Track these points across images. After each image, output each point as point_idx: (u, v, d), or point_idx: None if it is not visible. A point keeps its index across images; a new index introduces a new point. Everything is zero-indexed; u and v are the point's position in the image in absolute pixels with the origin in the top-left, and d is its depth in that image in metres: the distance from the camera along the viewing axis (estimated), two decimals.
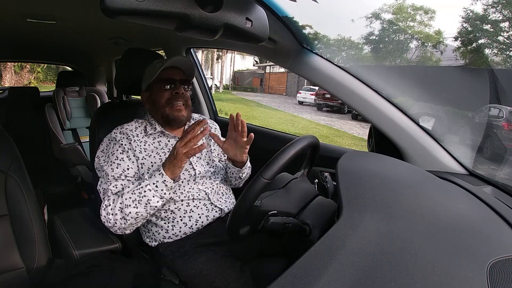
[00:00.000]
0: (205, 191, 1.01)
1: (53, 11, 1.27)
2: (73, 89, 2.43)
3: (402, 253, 0.46)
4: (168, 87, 1.00)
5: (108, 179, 0.93)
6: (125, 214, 0.87)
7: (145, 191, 0.86)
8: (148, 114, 1.06)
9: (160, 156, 0.99)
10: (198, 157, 1.06)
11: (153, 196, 0.86)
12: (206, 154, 1.10)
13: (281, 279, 0.41)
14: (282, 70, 19.69)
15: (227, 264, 0.89)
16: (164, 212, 0.97)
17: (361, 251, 0.46)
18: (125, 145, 0.96)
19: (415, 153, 0.97)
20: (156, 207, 0.88)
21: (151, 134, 1.02)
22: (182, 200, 0.98)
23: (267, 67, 22.18)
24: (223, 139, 1.03)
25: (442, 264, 0.45)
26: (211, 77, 19.72)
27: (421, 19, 12.54)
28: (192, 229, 0.98)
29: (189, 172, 1.01)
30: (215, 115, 1.85)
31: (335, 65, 1.04)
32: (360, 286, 0.41)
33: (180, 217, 0.97)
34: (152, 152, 0.99)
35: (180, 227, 0.97)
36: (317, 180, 0.99)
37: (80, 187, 1.94)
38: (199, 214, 0.99)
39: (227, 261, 0.90)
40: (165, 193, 0.87)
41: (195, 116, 1.18)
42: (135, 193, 0.87)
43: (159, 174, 0.86)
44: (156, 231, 0.99)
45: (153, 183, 0.86)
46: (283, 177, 0.85)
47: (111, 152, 0.96)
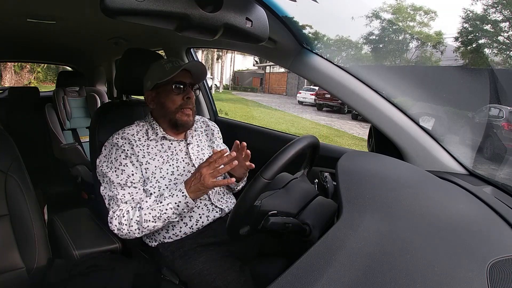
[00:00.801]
0: None
1: (53, 11, 1.28)
2: (73, 89, 2.43)
3: (402, 253, 0.46)
4: (179, 91, 0.98)
5: (114, 186, 0.93)
6: (143, 227, 0.89)
7: (166, 209, 0.88)
8: (150, 116, 1.04)
9: (163, 158, 0.99)
10: (200, 159, 1.06)
11: (173, 213, 0.89)
12: (209, 154, 1.10)
13: (281, 279, 0.41)
14: (282, 70, 19.69)
15: (227, 264, 0.89)
16: None
17: (361, 251, 0.46)
18: (127, 150, 0.95)
19: (415, 153, 0.97)
20: (173, 222, 0.93)
21: (153, 139, 1.01)
22: None
23: (267, 67, 22.17)
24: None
25: (442, 264, 0.45)
26: (211, 77, 19.71)
27: (421, 19, 12.55)
28: (192, 229, 0.98)
29: (191, 173, 1.01)
30: (215, 115, 1.85)
31: (335, 65, 1.04)
32: (360, 286, 0.41)
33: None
34: (156, 155, 0.98)
35: (181, 227, 0.97)
36: (317, 180, 0.99)
37: (80, 187, 1.94)
38: (199, 214, 0.99)
39: (227, 261, 0.90)
40: (184, 211, 0.91)
41: (196, 117, 1.18)
42: (155, 210, 0.89)
43: (183, 196, 0.88)
44: (156, 231, 0.98)
45: (175, 203, 0.88)
46: (283, 177, 0.85)
47: (114, 158, 0.94)
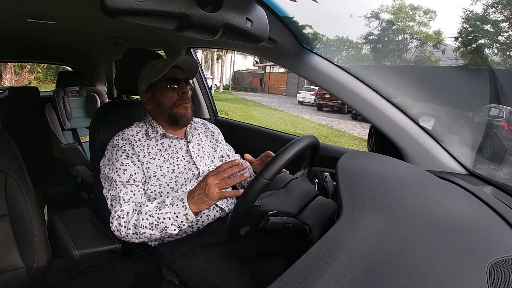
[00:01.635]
0: None
1: (53, 11, 1.28)
2: (73, 89, 2.43)
3: (402, 253, 0.46)
4: (174, 86, 0.99)
5: (117, 185, 0.92)
6: (139, 232, 0.85)
7: (164, 218, 0.82)
8: (149, 116, 1.05)
9: (164, 157, 0.99)
10: (201, 157, 1.06)
11: (171, 225, 0.82)
12: (210, 153, 1.10)
13: (281, 279, 0.41)
14: (282, 70, 19.69)
15: (227, 264, 0.89)
16: None
17: (361, 251, 0.46)
18: (128, 150, 0.95)
19: (415, 153, 0.97)
20: (172, 234, 0.85)
21: (153, 137, 1.01)
22: None
23: (267, 67, 22.18)
24: (251, 158, 1.11)
25: (442, 264, 0.45)
26: (211, 77, 19.73)
27: (421, 19, 12.55)
28: (193, 228, 0.98)
29: (192, 171, 1.01)
30: (215, 115, 1.85)
31: (335, 65, 1.04)
32: (360, 286, 0.41)
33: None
34: (156, 155, 0.99)
35: None
36: (317, 180, 0.99)
37: (80, 187, 1.94)
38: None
39: (227, 261, 0.90)
40: (184, 225, 0.83)
41: (196, 119, 1.18)
42: (153, 216, 0.83)
43: (183, 206, 0.81)
44: None
45: (174, 213, 0.81)
46: (283, 177, 0.85)
47: (115, 159, 0.95)
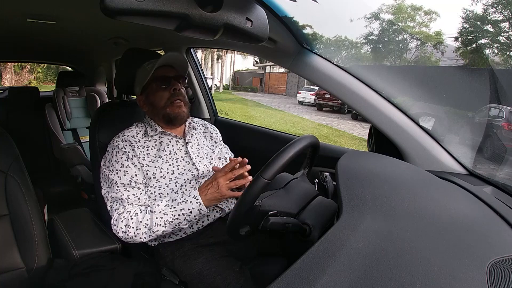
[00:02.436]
0: None
1: (53, 11, 1.27)
2: (73, 89, 2.43)
3: (402, 253, 0.46)
4: (164, 85, 0.99)
5: (118, 187, 0.92)
6: (152, 231, 0.87)
7: (179, 215, 0.87)
8: (147, 117, 1.06)
9: (162, 158, 0.99)
10: (201, 157, 1.06)
11: (184, 220, 0.88)
12: (208, 154, 1.10)
13: (281, 279, 0.41)
14: (282, 70, 19.70)
15: (227, 264, 0.89)
16: None
17: (361, 251, 0.46)
18: (129, 152, 0.95)
19: (415, 153, 0.97)
20: (183, 229, 0.91)
21: (152, 136, 1.01)
22: None
23: (267, 67, 22.17)
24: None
25: (442, 264, 0.45)
26: (211, 77, 19.71)
27: (421, 20, 12.55)
28: (193, 229, 0.98)
29: (192, 172, 1.01)
30: (215, 115, 1.85)
31: (335, 65, 1.04)
32: (360, 286, 0.41)
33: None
34: (155, 156, 0.99)
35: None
36: (317, 180, 0.99)
37: (80, 187, 1.94)
38: None
39: (227, 261, 0.90)
40: (196, 219, 0.89)
41: (195, 120, 1.18)
42: (167, 214, 0.87)
43: (197, 203, 0.86)
44: None
45: (188, 209, 0.87)
46: (283, 177, 0.85)
47: (115, 161, 0.94)
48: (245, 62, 25.79)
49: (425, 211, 0.57)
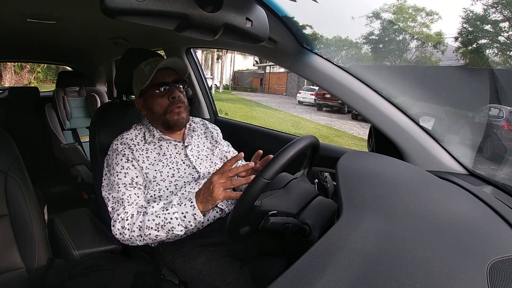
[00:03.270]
0: None
1: (53, 11, 1.27)
2: (73, 89, 2.43)
3: (402, 253, 0.46)
4: (162, 91, 0.97)
5: (119, 187, 0.91)
6: (144, 234, 0.84)
7: (171, 218, 0.82)
8: (146, 119, 1.05)
9: (163, 162, 0.99)
10: (201, 159, 1.06)
11: (178, 225, 0.83)
12: (208, 156, 1.10)
13: (281, 279, 0.41)
14: (282, 70, 19.69)
15: (227, 264, 0.89)
16: None
17: (361, 251, 0.46)
18: (128, 155, 0.95)
19: (415, 153, 0.97)
20: (178, 235, 0.85)
21: (151, 141, 1.01)
22: None
23: (267, 67, 22.17)
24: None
25: (442, 264, 0.45)
26: (211, 77, 19.72)
27: (422, 20, 12.54)
28: (192, 229, 0.97)
29: (192, 175, 1.01)
30: (215, 115, 1.85)
31: (335, 65, 1.04)
32: (360, 286, 0.41)
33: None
34: (155, 160, 0.98)
35: None
36: (317, 180, 0.99)
37: (80, 187, 1.94)
38: None
39: (227, 261, 0.90)
40: (191, 225, 0.83)
41: (196, 120, 1.18)
42: (159, 217, 0.83)
43: (191, 206, 0.82)
44: None
45: (182, 213, 0.82)
46: (283, 177, 0.85)
47: (115, 163, 0.94)
48: (245, 62, 25.79)
49: (425, 211, 0.57)
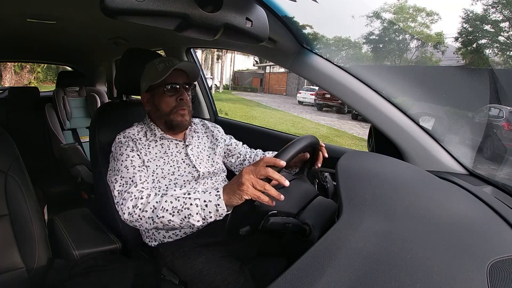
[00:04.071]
0: None
1: (53, 11, 1.27)
2: (73, 89, 2.43)
3: (402, 253, 0.46)
4: (172, 92, 0.98)
5: (127, 170, 0.90)
6: (156, 216, 0.78)
7: (191, 204, 0.76)
8: (147, 118, 1.05)
9: (164, 159, 0.99)
10: (201, 159, 1.06)
11: (197, 214, 0.75)
12: (209, 156, 1.10)
13: (281, 279, 0.41)
14: (282, 70, 19.71)
15: (227, 264, 0.89)
16: None
17: (361, 251, 0.46)
18: (132, 146, 0.95)
19: (415, 153, 0.97)
20: (194, 225, 0.77)
21: (152, 139, 1.01)
22: None
23: (267, 67, 22.18)
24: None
25: (442, 264, 0.45)
26: (211, 77, 19.72)
27: (423, 20, 12.54)
28: (192, 229, 0.97)
29: (192, 174, 1.01)
30: (215, 115, 1.85)
31: (335, 65, 1.04)
32: (360, 286, 0.41)
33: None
34: (156, 155, 0.99)
35: None
36: (317, 180, 0.99)
37: (80, 187, 1.94)
38: None
39: (227, 261, 0.90)
40: (211, 217, 0.76)
41: (196, 120, 1.18)
42: (179, 200, 0.77)
43: (216, 195, 0.74)
44: (156, 231, 0.98)
45: (204, 200, 0.75)
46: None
47: (120, 154, 0.94)
48: (245, 62, 25.79)
49: (425, 211, 0.57)
